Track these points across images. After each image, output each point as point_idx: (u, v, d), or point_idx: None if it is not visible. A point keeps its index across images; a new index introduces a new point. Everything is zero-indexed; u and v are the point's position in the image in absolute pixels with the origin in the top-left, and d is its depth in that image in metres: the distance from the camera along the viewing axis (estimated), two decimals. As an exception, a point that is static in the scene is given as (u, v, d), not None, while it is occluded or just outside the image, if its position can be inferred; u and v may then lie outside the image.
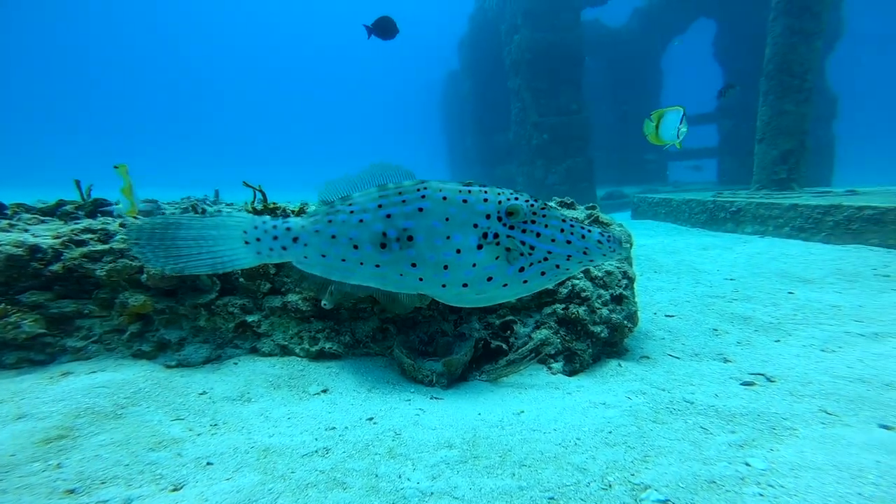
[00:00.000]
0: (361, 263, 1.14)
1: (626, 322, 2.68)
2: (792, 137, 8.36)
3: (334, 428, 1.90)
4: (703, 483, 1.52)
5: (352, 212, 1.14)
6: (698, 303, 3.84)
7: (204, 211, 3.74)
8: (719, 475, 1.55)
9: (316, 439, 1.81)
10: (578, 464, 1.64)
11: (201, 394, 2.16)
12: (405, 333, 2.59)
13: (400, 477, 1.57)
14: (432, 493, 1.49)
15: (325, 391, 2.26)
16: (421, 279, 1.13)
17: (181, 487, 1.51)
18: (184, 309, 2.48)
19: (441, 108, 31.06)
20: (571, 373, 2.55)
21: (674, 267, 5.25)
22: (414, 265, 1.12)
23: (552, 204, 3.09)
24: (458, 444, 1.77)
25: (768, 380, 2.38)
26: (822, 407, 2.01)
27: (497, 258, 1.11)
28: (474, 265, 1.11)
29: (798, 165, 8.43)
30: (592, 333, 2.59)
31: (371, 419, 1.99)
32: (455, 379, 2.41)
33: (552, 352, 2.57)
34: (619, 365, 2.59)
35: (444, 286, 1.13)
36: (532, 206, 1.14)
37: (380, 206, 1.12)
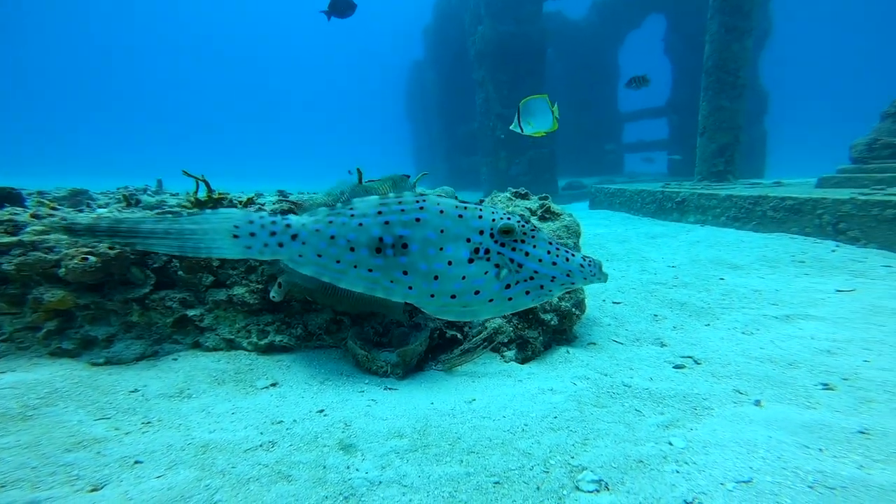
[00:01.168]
0: (355, 266, 1.15)
1: (574, 310, 2.80)
2: (728, 132, 8.82)
3: (282, 421, 1.89)
4: (633, 463, 1.62)
5: (352, 215, 1.16)
6: (643, 290, 4.05)
7: (138, 202, 3.54)
8: (646, 455, 1.66)
9: (261, 433, 1.80)
10: (524, 449, 1.71)
11: (132, 391, 2.07)
12: (359, 325, 2.59)
13: (348, 468, 1.59)
14: (381, 483, 1.52)
15: (274, 385, 2.24)
16: (410, 287, 1.14)
17: (101, 487, 1.45)
18: (112, 304, 2.36)
19: (406, 97, 30.42)
20: (524, 360, 2.63)
21: (624, 255, 5.49)
22: (405, 273, 1.13)
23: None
24: (408, 434, 1.81)
25: (696, 362, 2.55)
26: (735, 387, 2.18)
27: (486, 273, 1.14)
28: (464, 277, 1.13)
29: (733, 158, 8.94)
30: (543, 321, 2.70)
31: (321, 411, 1.99)
32: (411, 369, 2.44)
33: (505, 340, 2.65)
34: (568, 352, 2.70)
35: (432, 296, 1.15)
36: (523, 226, 1.17)
37: (379, 212, 1.15)
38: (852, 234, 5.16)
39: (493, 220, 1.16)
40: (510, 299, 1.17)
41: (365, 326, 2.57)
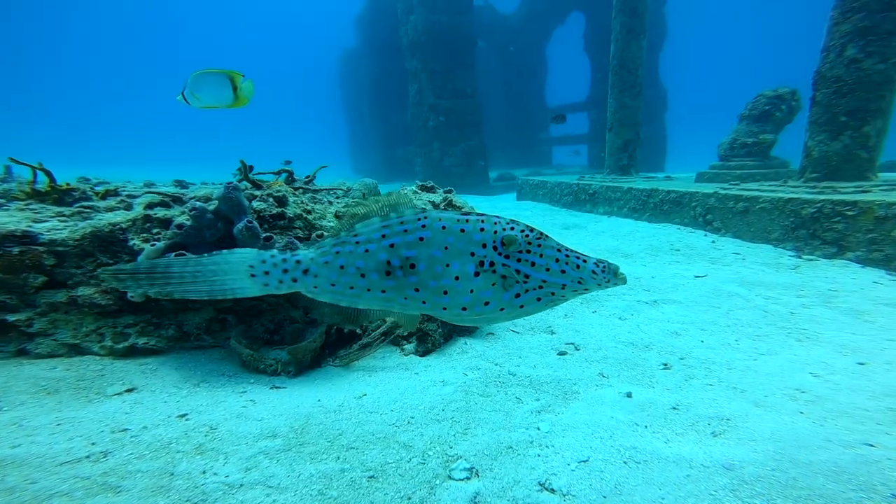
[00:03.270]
0: (368, 290, 1.16)
1: (474, 301, 2.91)
2: (630, 128, 9.49)
3: (126, 430, 1.76)
4: (503, 449, 1.71)
5: (357, 242, 1.16)
6: (546, 280, 4.31)
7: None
8: (516, 441, 1.75)
9: (92, 444, 1.65)
10: (405, 441, 1.73)
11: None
12: (247, 323, 2.48)
13: (204, 472, 1.52)
14: (242, 485, 1.47)
15: (130, 390, 2.08)
16: (424, 302, 1.16)
17: None
18: None
19: (340, 86, 29.06)
20: (424, 353, 2.63)
21: (536, 246, 5.78)
22: (417, 290, 1.14)
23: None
24: (283, 433, 1.77)
25: (576, 348, 2.72)
26: (601, 371, 2.37)
27: (493, 284, 1.14)
28: (472, 291, 1.13)
29: (635, 153, 9.70)
30: (443, 313, 2.78)
31: (184, 416, 1.89)
32: (305, 366, 2.37)
33: (405, 333, 2.64)
34: (466, 343, 2.75)
35: (444, 308, 1.16)
36: (527, 236, 1.15)
37: (383, 236, 1.14)
38: (716, 225, 5.90)
39: (495, 231, 1.15)
40: (522, 307, 1.17)
41: (254, 324, 2.46)
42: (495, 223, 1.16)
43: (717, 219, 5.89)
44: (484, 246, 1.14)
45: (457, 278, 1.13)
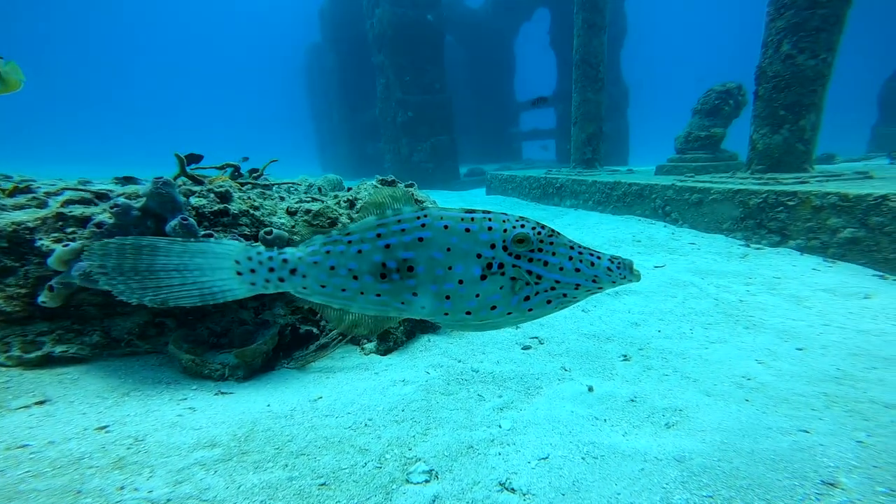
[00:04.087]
0: (362, 293, 1.06)
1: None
2: (593, 122, 9.65)
3: (26, 446, 1.59)
4: (464, 449, 1.66)
5: (349, 242, 1.05)
6: (512, 274, 4.31)
7: None
8: (477, 440, 1.71)
9: None
10: (361, 445, 1.66)
11: None
12: (189, 326, 2.32)
13: (121, 488, 1.39)
14: (169, 500, 1.35)
15: (41, 403, 1.90)
16: (423, 307, 1.06)
17: None
18: None
19: (306, 81, 28.19)
20: (386, 351, 2.56)
21: (503, 240, 5.79)
22: (415, 294, 1.04)
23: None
24: (224, 442, 1.65)
25: (540, 342, 2.71)
26: (563, 364, 2.36)
27: (501, 288, 1.03)
28: (477, 295, 1.03)
29: (598, 147, 9.90)
30: (405, 311, 2.70)
31: (104, 428, 1.73)
32: (256, 370, 2.25)
33: (364, 332, 2.58)
34: (430, 340, 2.70)
35: (446, 314, 1.05)
36: (539, 233, 1.05)
37: (378, 235, 1.03)
38: (674, 216, 6.09)
39: (505, 230, 1.03)
40: (530, 310, 1.06)
41: (198, 327, 2.31)
42: (504, 221, 1.05)
43: (675, 210, 6.08)
44: (493, 246, 1.03)
45: (460, 282, 1.02)
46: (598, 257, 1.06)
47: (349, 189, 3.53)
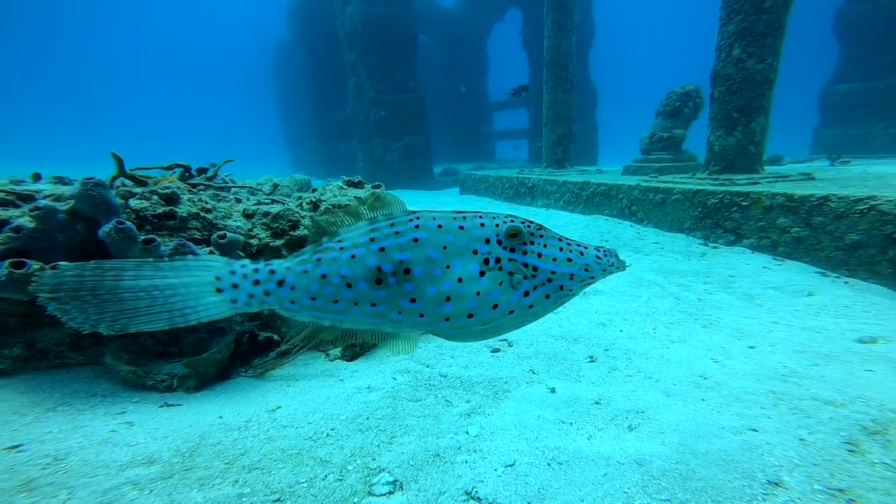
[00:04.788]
0: (356, 303, 1.01)
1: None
2: (563, 122, 9.81)
3: None
4: (430, 457, 1.62)
5: (342, 248, 1.00)
6: (483, 275, 4.30)
7: None
8: (444, 447, 1.67)
9: None
10: (322, 457, 1.59)
11: None
12: (132, 336, 2.18)
13: None
14: None
15: None
16: (422, 315, 1.00)
17: None
18: None
19: (275, 79, 27.35)
20: (352, 357, 2.49)
21: (475, 240, 5.78)
22: (413, 300, 0.99)
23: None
24: (164, 458, 1.54)
25: (509, 345, 2.69)
26: (531, 367, 2.35)
27: (501, 283, 1.00)
28: (478, 293, 0.99)
29: (569, 147, 10.08)
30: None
31: (16, 447, 1.58)
32: (210, 379, 2.13)
33: (330, 337, 2.50)
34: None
35: (447, 319, 1.00)
36: (529, 226, 1.05)
37: (371, 239, 0.99)
38: (640, 216, 6.29)
39: (497, 224, 1.02)
40: (531, 307, 1.03)
41: (141, 336, 2.17)
42: (494, 217, 1.05)
43: (641, 210, 6.27)
44: (487, 241, 1.01)
45: (460, 280, 0.99)
46: (586, 247, 1.07)
47: (314, 190, 3.42)
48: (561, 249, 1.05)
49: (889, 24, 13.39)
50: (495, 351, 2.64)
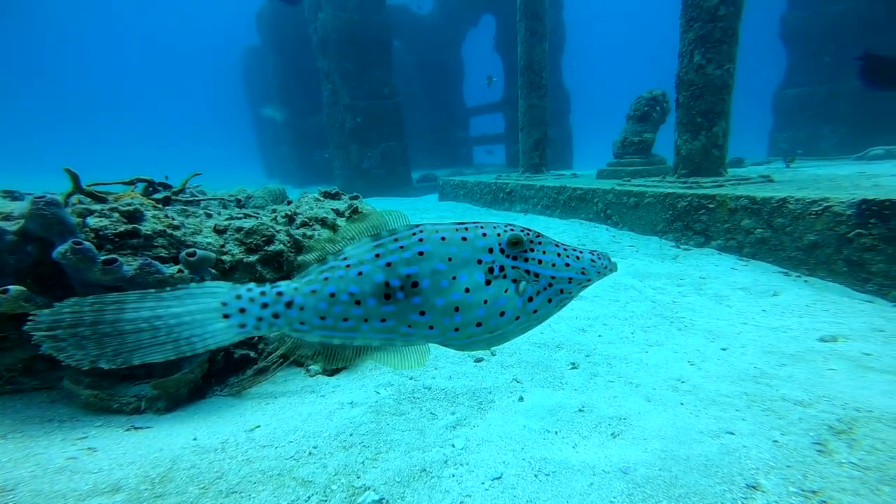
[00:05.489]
0: (366, 320, 1.02)
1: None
2: (539, 127, 10.00)
3: None
4: (416, 473, 1.59)
5: (348, 266, 1.01)
6: (464, 282, 4.31)
7: None
8: (430, 462, 1.65)
9: None
10: (304, 477, 1.54)
11: None
12: None
13: None
14: None
15: None
16: (431, 327, 1.02)
17: None
18: None
19: (245, 86, 26.76)
20: (333, 372, 2.43)
21: (455, 247, 5.79)
22: (422, 313, 1.01)
23: (343, 223, 2.90)
24: (131, 486, 1.45)
25: (492, 353, 2.68)
26: (515, 376, 2.35)
27: (506, 291, 1.04)
28: (486, 302, 1.02)
29: (545, 152, 10.28)
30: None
31: None
32: (183, 399, 2.04)
33: (309, 352, 2.44)
34: None
35: (456, 329, 1.03)
36: (528, 235, 1.09)
37: (377, 255, 1.01)
38: (615, 219, 6.46)
39: (499, 234, 1.06)
40: (535, 311, 1.07)
41: None
42: (495, 227, 1.09)
43: (616, 213, 6.45)
44: (490, 251, 1.05)
45: (467, 290, 1.02)
46: (581, 251, 1.13)
47: (289, 202, 3.34)
48: (559, 255, 1.10)
49: (828, 30, 14.33)
50: (479, 360, 2.63)
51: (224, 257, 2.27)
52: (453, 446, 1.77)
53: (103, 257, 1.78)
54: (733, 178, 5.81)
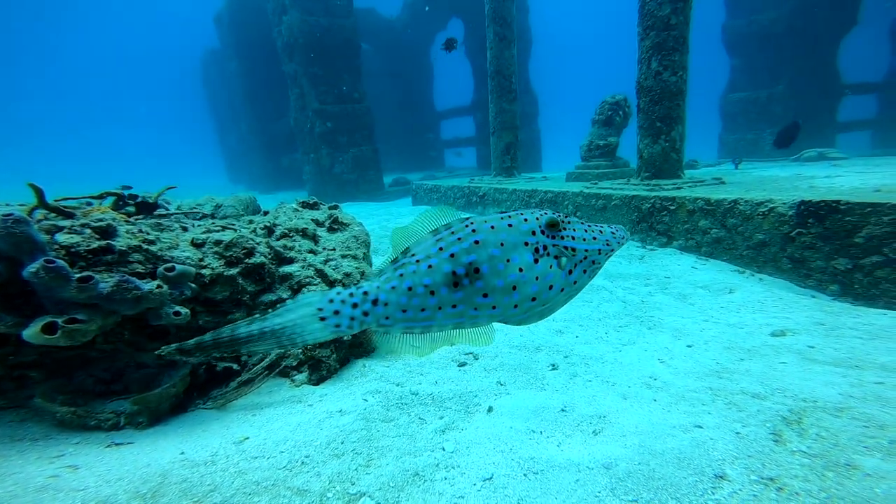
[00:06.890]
0: (440, 308, 1.12)
1: (369, 321, 2.76)
2: (510, 131, 10.20)
3: None
4: (410, 477, 1.63)
5: (417, 261, 1.12)
6: (443, 287, 4.36)
7: None
8: (422, 466, 1.69)
9: None
10: (299, 486, 1.54)
11: None
12: (66, 376, 1.99)
13: None
14: None
15: None
16: (494, 307, 1.13)
17: None
18: None
19: (205, 90, 25.66)
20: (319, 381, 2.44)
21: (432, 251, 5.85)
22: (486, 295, 1.12)
23: (323, 233, 2.87)
24: (122, 502, 1.43)
25: (475, 357, 2.74)
26: (498, 379, 2.42)
27: (551, 267, 1.16)
28: (537, 278, 1.14)
29: (516, 155, 10.51)
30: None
31: None
32: (165, 413, 2.00)
33: (294, 363, 2.38)
34: (364, 365, 2.61)
35: (515, 306, 1.14)
36: (559, 216, 1.21)
37: (440, 248, 1.12)
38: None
39: (538, 218, 1.19)
40: (575, 282, 1.21)
41: (78, 376, 1.98)
42: (533, 212, 1.22)
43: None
44: (533, 233, 1.17)
45: (521, 270, 1.14)
46: (602, 227, 1.28)
47: (265, 213, 3.28)
48: (586, 231, 1.25)
49: (762, 38, 15.56)
50: (462, 365, 2.69)
51: (203, 271, 2.22)
52: (444, 450, 1.82)
53: (78, 275, 1.71)
54: (690, 181, 6.18)
